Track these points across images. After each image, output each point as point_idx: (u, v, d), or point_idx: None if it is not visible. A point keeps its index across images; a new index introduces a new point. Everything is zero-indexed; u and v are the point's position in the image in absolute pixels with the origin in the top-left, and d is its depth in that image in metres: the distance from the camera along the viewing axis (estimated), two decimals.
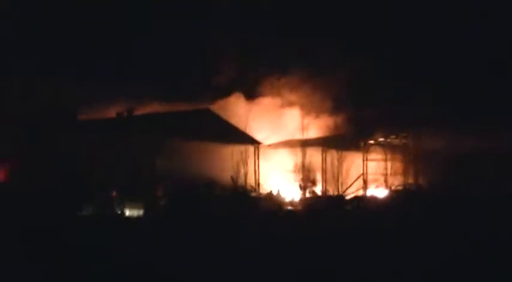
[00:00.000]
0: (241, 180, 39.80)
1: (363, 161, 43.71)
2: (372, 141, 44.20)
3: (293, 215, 35.46)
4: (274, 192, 40.72)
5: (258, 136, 42.71)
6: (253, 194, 39.87)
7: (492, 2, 49.07)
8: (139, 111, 42.40)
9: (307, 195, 41.42)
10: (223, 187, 38.30)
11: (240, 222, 28.47)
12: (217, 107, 43.57)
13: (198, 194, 35.32)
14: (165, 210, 33.40)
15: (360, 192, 42.23)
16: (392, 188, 42.88)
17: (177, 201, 33.44)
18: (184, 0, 50.90)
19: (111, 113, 43.60)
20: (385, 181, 43.79)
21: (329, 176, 42.51)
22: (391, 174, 44.00)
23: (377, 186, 43.21)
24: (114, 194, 34.68)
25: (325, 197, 40.25)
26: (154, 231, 26.40)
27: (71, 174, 33.20)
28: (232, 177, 39.40)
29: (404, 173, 44.48)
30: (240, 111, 44.74)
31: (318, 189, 42.25)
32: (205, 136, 39.02)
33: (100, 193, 33.53)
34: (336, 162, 42.67)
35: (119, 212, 33.44)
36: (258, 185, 41.27)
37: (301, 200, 40.10)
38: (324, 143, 44.02)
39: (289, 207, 38.71)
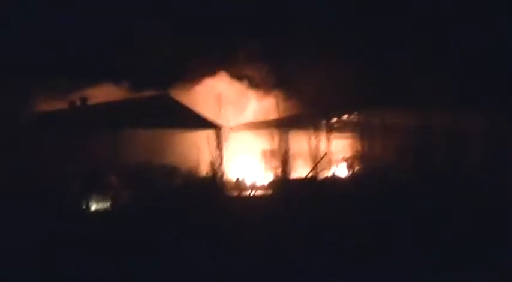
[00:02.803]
0: (204, 168, 38.75)
1: (327, 140, 42.98)
2: (335, 119, 43.50)
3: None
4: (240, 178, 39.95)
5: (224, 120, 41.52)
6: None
7: None
8: (94, 100, 40.81)
9: (273, 178, 40.61)
10: (185, 175, 37.39)
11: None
12: (179, 92, 42.16)
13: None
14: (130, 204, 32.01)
15: (327, 173, 41.52)
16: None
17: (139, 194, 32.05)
18: None
19: (64, 103, 42.03)
20: (350, 160, 43.16)
21: (293, 157, 41.78)
22: (355, 153, 43.30)
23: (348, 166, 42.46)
24: (75, 187, 33.05)
25: (295, 180, 39.38)
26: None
27: (31, 170, 31.62)
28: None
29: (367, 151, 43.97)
30: (203, 95, 43.40)
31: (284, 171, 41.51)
32: (165, 122, 37.70)
33: (61, 188, 31.81)
34: (297, 143, 42.07)
35: (84, 207, 31.93)
36: (220, 170, 40.22)
37: (270, 183, 39.17)
38: (285, 123, 43.12)
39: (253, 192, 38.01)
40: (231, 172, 39.82)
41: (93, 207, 32.52)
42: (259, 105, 45.01)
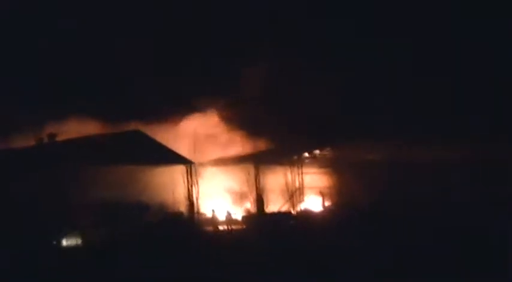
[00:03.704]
0: (176, 203, 38.31)
1: (298, 175, 43.08)
2: (306, 155, 43.65)
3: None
4: (210, 214, 39.52)
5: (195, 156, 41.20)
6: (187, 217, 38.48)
7: None
8: (63, 137, 40.09)
9: (244, 213, 40.31)
10: (156, 211, 36.82)
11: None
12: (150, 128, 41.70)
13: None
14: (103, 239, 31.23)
15: (300, 207, 41.45)
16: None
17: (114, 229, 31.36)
18: None
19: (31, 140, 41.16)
20: (322, 194, 43.19)
21: (264, 192, 41.67)
22: (326, 187, 43.38)
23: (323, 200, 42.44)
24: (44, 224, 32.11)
25: (271, 214, 39.14)
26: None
27: None
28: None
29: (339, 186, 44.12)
30: (175, 132, 43.12)
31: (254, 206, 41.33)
32: (136, 158, 37.14)
33: (28, 225, 30.87)
34: (269, 178, 42.06)
35: (54, 242, 31.01)
36: (193, 206, 39.81)
37: (244, 218, 38.83)
38: (256, 159, 43.08)
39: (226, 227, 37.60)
40: (204, 207, 39.50)
41: (64, 243, 31.69)
42: (231, 141, 44.85)
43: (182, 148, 40.24)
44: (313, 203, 42.55)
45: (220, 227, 37.22)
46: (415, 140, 41.64)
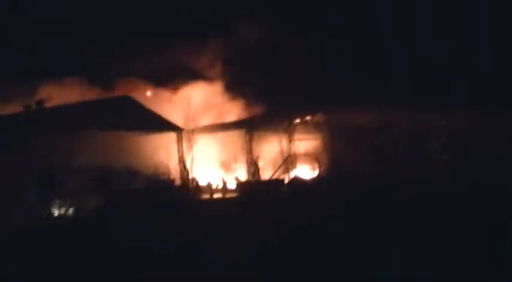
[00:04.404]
0: (166, 171, 37.96)
1: (289, 141, 42.67)
2: (297, 120, 43.16)
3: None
4: (203, 181, 39.21)
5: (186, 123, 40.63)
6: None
7: None
8: (51, 103, 39.39)
9: (236, 181, 39.98)
10: (147, 178, 36.43)
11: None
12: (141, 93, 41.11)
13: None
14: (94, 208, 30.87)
15: (291, 175, 41.15)
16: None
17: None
18: None
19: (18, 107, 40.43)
20: (313, 161, 42.88)
21: (254, 159, 41.31)
22: (317, 153, 43.04)
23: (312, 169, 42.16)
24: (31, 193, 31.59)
25: (263, 182, 38.83)
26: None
27: None
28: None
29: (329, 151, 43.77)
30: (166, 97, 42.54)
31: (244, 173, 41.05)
32: (125, 124, 36.54)
33: (18, 194, 30.38)
34: (261, 145, 41.71)
35: (47, 213, 30.54)
36: (184, 173, 39.45)
37: (237, 186, 38.53)
38: (247, 124, 42.59)
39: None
40: (196, 174, 39.19)
41: (56, 213, 31.22)
42: (223, 107, 44.40)
43: (175, 116, 39.80)
44: (305, 170, 42.33)
45: (215, 195, 37.00)
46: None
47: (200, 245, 21.02)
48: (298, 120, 43.15)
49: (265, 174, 40.75)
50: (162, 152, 37.82)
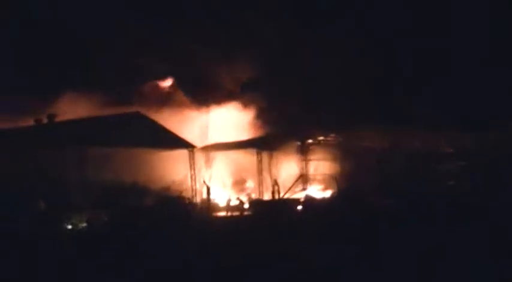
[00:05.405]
0: (177, 187, 37.39)
1: (302, 161, 42.12)
2: (310, 141, 42.63)
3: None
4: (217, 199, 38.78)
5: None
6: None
7: None
8: (62, 117, 39.13)
9: (244, 199, 39.39)
10: (156, 196, 35.88)
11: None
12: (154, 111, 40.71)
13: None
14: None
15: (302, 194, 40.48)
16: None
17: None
18: None
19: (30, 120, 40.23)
20: (325, 181, 42.22)
21: (266, 178, 40.85)
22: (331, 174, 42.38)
23: (324, 188, 41.52)
24: (41, 206, 31.10)
25: (276, 200, 38.24)
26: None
27: None
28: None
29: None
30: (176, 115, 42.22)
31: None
32: (136, 141, 36.09)
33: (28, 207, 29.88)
34: (273, 164, 41.29)
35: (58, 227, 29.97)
36: (195, 191, 38.96)
37: (249, 204, 37.96)
38: (259, 144, 42.12)
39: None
40: (206, 192, 38.64)
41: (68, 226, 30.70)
42: (237, 125, 43.98)
43: (190, 133, 39.55)
44: (317, 190, 41.69)
45: (229, 213, 36.49)
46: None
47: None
48: (310, 141, 42.64)
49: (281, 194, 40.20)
50: (174, 169, 37.32)
